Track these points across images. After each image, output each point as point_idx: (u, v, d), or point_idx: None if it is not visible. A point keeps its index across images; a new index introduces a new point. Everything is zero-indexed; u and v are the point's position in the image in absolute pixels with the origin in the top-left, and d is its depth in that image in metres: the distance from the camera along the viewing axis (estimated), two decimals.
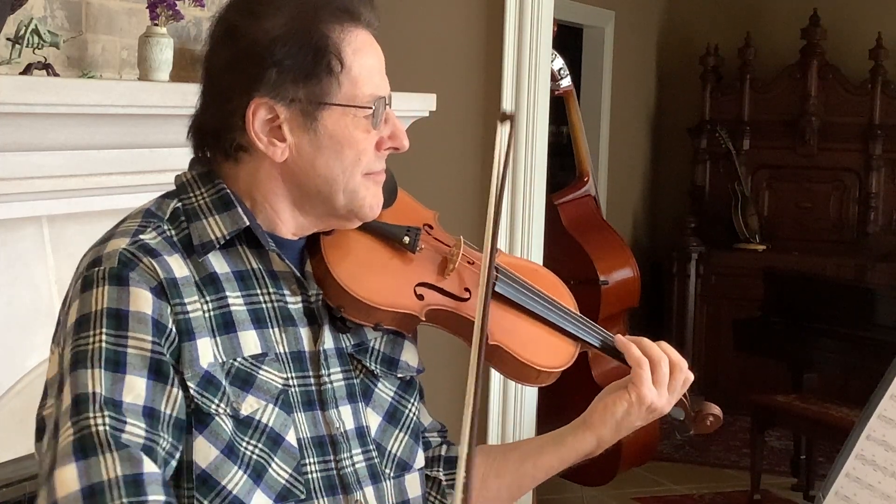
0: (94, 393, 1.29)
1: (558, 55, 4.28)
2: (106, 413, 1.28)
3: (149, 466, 1.28)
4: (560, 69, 4.35)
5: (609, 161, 6.49)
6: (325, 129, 1.42)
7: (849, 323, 4.95)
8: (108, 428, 1.28)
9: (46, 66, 2.62)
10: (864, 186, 6.52)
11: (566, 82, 4.43)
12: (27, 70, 2.59)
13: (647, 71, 7.04)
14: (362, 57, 1.44)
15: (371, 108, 1.43)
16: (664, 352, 1.61)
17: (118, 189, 2.70)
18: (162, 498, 1.27)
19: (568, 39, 5.98)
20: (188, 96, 2.36)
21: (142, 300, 1.33)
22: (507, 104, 3.77)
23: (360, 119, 1.43)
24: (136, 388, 1.31)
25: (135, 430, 1.29)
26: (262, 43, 1.40)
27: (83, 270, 1.38)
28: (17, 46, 2.57)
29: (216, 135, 1.45)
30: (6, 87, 2.31)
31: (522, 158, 3.78)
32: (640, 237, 6.99)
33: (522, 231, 3.79)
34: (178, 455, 1.34)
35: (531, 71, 3.76)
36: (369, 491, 1.46)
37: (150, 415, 1.31)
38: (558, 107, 4.45)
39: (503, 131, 1.52)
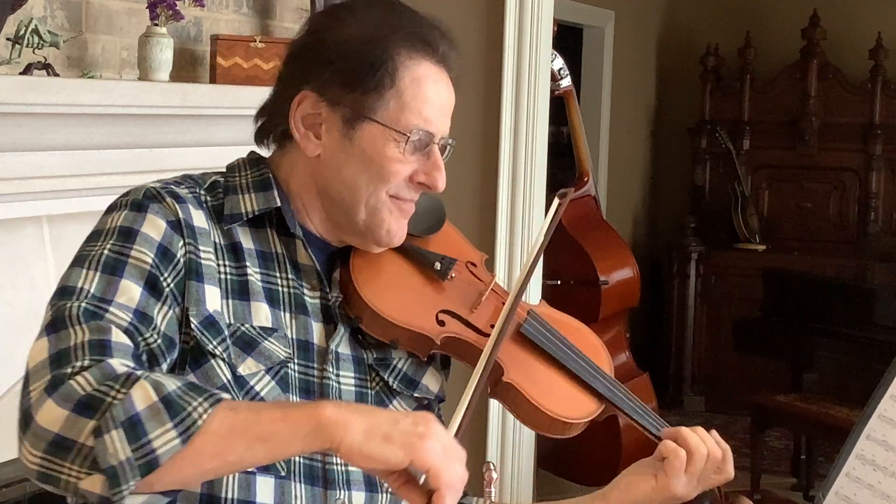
0: (81, 287, 1.31)
1: (558, 55, 4.28)
2: (87, 299, 1.29)
3: (118, 337, 1.27)
4: (560, 69, 4.35)
5: (609, 161, 6.48)
6: (361, 142, 1.45)
7: (849, 323, 4.95)
8: (84, 306, 1.28)
9: (46, 66, 2.62)
10: (864, 186, 6.51)
11: (566, 82, 4.43)
12: (27, 70, 2.59)
13: (647, 71, 7.04)
14: (421, 87, 1.46)
15: (408, 135, 1.44)
16: (703, 441, 1.56)
17: (118, 189, 2.68)
18: (130, 363, 1.24)
19: (568, 39, 5.97)
20: (188, 96, 2.37)
21: (155, 227, 1.37)
22: (506, 104, 3.77)
23: (397, 143, 1.45)
24: (129, 292, 1.31)
25: (119, 315, 1.29)
26: (328, 42, 1.45)
27: (112, 201, 1.43)
28: (17, 46, 2.57)
29: (270, 117, 1.52)
30: (6, 87, 2.31)
31: (522, 158, 3.78)
32: (640, 237, 6.99)
33: (522, 231, 3.79)
34: (164, 364, 1.32)
35: (531, 71, 3.77)
36: (359, 496, 1.46)
37: (141, 317, 1.31)
38: (558, 107, 4.45)
39: (556, 204, 1.54)
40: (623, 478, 1.60)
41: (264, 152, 1.56)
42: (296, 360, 1.44)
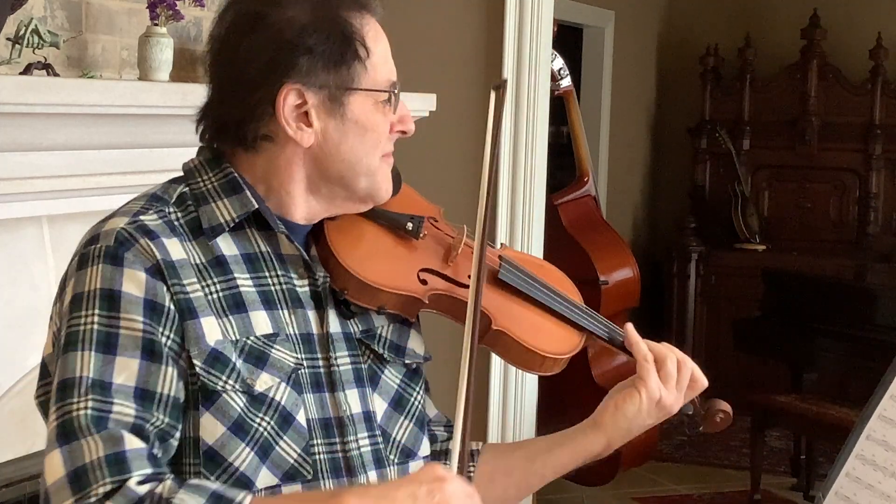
0: (80, 377, 1.30)
1: (558, 55, 4.28)
2: (90, 397, 1.29)
3: (132, 443, 1.28)
4: (560, 69, 4.35)
5: (609, 161, 6.48)
6: (352, 114, 1.46)
7: (849, 323, 4.95)
8: (89, 412, 1.28)
9: (46, 66, 2.62)
10: (864, 186, 6.51)
11: (566, 82, 4.43)
12: (27, 70, 2.59)
13: (647, 71, 7.04)
14: (379, 43, 1.48)
15: (390, 92, 1.48)
16: (671, 350, 1.63)
17: (118, 189, 2.70)
18: (148, 471, 1.27)
19: (568, 39, 5.98)
20: (188, 96, 2.36)
21: (135, 282, 1.34)
22: (506, 104, 3.77)
23: (380, 103, 1.47)
24: (128, 369, 1.31)
25: (123, 409, 1.29)
26: (291, 30, 1.42)
27: (80, 248, 1.40)
28: (17, 46, 2.57)
29: (238, 126, 1.46)
30: (6, 87, 2.31)
31: (522, 158, 3.78)
32: (640, 237, 6.99)
33: (522, 231, 3.79)
34: (176, 434, 1.34)
35: (531, 71, 3.77)
36: (373, 475, 1.47)
37: (143, 396, 1.31)
38: (558, 107, 4.45)
39: (493, 99, 1.54)
40: (609, 399, 1.63)
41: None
42: (303, 358, 1.44)
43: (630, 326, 1.65)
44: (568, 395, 3.69)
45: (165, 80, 2.90)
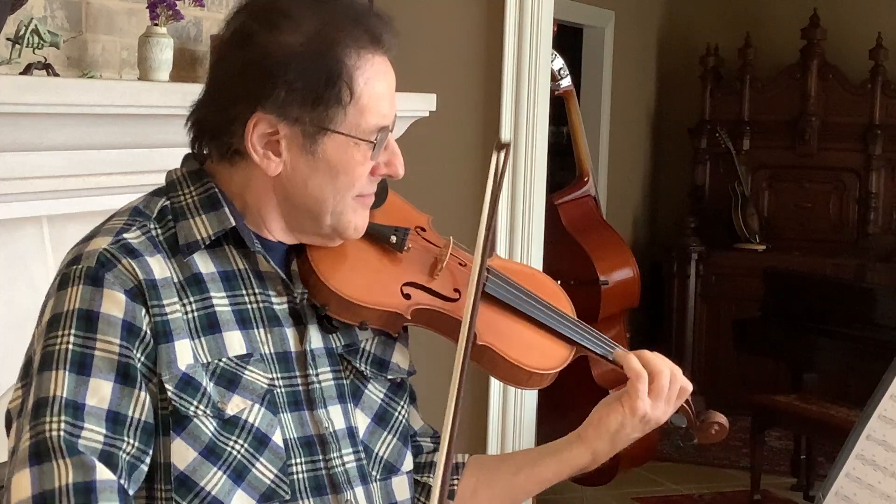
0: (54, 397, 1.29)
1: (558, 55, 4.28)
2: (63, 418, 1.28)
3: (102, 474, 1.27)
4: (560, 69, 4.35)
5: (609, 161, 6.49)
6: (324, 154, 1.41)
7: (849, 323, 4.95)
8: (63, 433, 1.27)
9: (46, 66, 2.62)
10: (864, 186, 6.52)
11: (566, 82, 4.43)
12: (27, 70, 2.59)
13: (647, 71, 7.04)
14: (373, 86, 1.42)
15: (373, 141, 1.42)
16: (664, 362, 1.60)
17: (118, 189, 2.70)
18: (116, 503, 1.27)
19: (568, 39, 5.98)
20: (188, 96, 2.36)
21: (114, 303, 1.33)
22: (506, 104, 3.77)
23: (360, 148, 1.42)
24: (100, 391, 1.30)
25: (93, 434, 1.29)
26: (276, 58, 1.38)
27: (63, 267, 1.39)
28: (17, 46, 2.57)
29: (214, 134, 1.44)
30: (6, 87, 2.30)
31: (522, 158, 3.78)
32: (640, 237, 6.99)
33: (522, 231, 3.79)
34: (146, 459, 1.33)
35: (531, 71, 3.77)
36: (359, 491, 1.46)
37: (115, 419, 1.30)
38: (558, 107, 4.45)
39: (498, 159, 1.50)
40: (594, 413, 1.61)
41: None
42: (279, 377, 1.42)
43: (619, 348, 1.61)
44: (567, 396, 3.69)
45: (165, 80, 2.90)
